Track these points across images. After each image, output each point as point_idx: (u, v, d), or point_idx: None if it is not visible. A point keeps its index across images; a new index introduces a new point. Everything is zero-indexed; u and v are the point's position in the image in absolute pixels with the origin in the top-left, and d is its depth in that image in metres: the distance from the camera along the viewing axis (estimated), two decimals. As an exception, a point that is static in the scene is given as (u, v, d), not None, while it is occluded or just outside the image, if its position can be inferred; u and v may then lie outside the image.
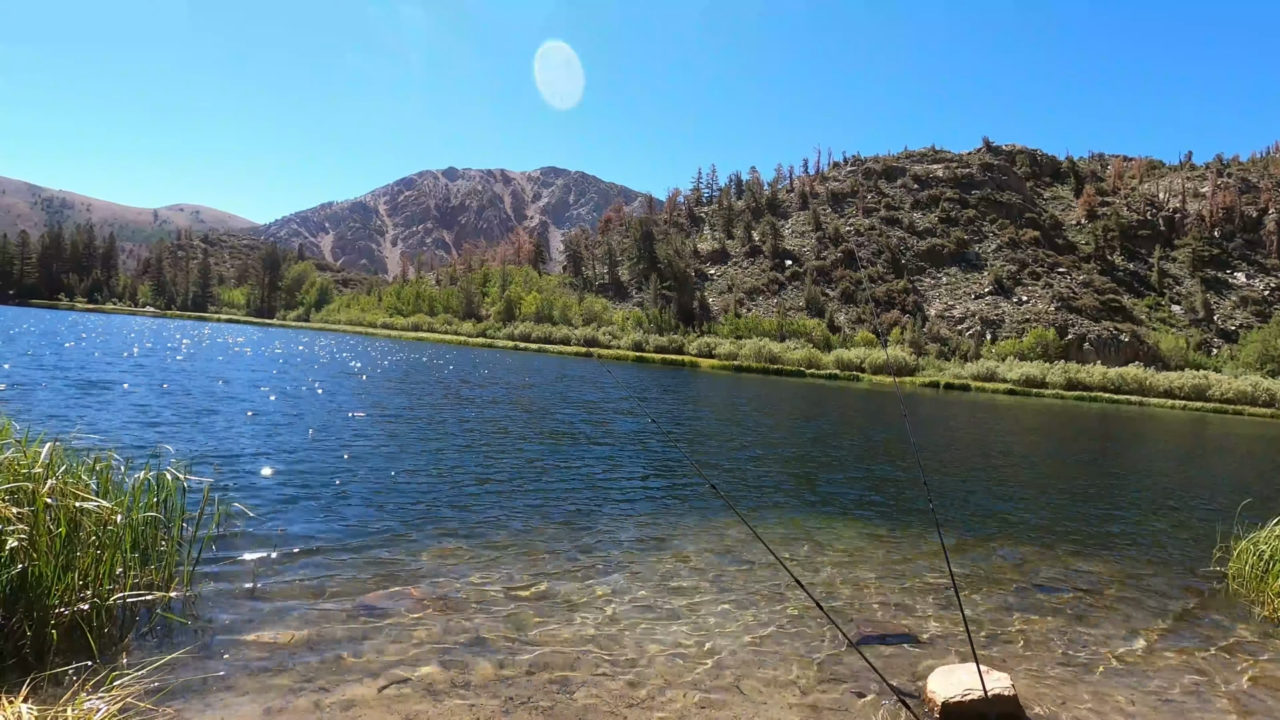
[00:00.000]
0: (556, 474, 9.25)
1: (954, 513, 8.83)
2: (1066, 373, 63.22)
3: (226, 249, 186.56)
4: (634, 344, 76.74)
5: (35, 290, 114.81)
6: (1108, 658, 4.62)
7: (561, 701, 3.56)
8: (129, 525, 4.15)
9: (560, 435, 13.09)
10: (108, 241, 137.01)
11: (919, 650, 4.50)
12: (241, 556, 5.12)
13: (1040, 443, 20.86)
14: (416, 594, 4.76)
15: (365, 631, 4.15)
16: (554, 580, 5.26)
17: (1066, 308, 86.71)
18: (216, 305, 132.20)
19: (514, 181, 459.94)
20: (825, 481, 10.53)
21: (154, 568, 4.35)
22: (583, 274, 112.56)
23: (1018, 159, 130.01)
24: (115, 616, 3.94)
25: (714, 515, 7.57)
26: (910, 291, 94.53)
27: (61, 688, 3.13)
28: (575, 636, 4.34)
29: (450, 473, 8.70)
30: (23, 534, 3.45)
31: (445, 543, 5.89)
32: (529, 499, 7.70)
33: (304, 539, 5.64)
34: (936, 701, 3.68)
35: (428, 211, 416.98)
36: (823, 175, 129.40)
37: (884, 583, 5.80)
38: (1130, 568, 6.88)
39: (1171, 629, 5.24)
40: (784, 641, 4.49)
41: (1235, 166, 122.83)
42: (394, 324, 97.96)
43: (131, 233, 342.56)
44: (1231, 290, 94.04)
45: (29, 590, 3.48)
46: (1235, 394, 57.15)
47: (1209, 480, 14.59)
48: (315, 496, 6.97)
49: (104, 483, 4.44)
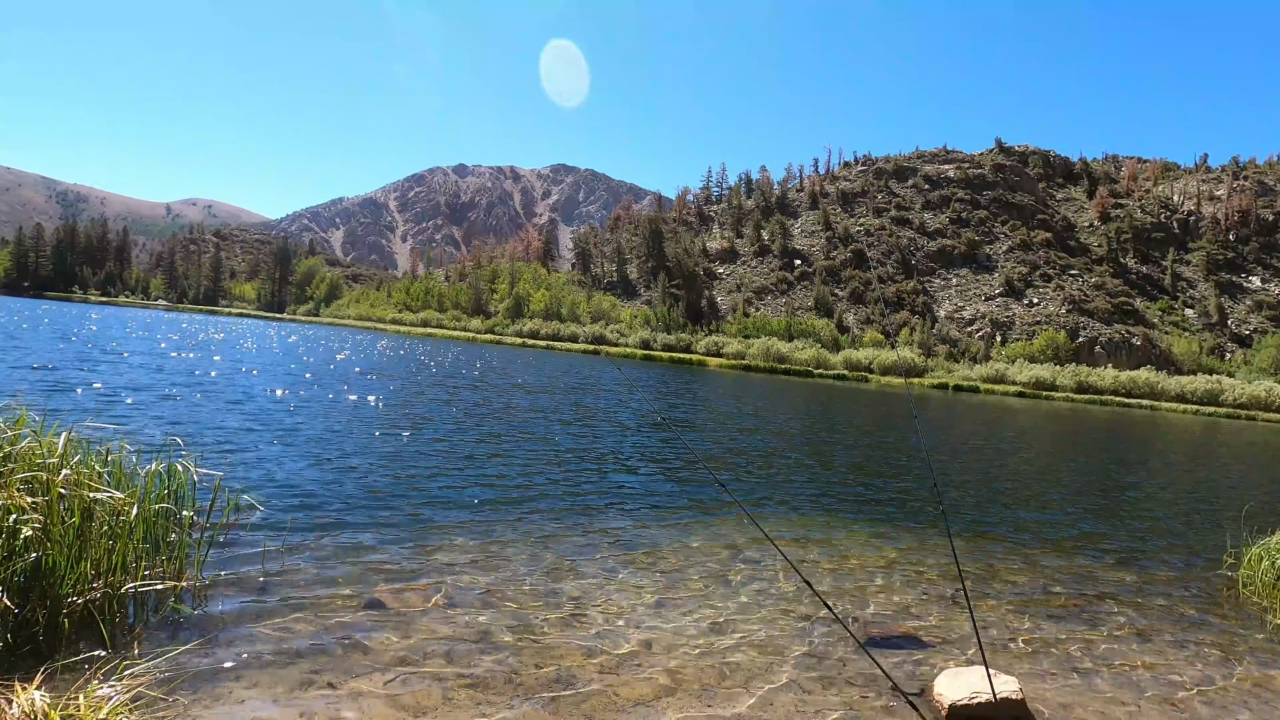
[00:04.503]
0: (565, 472, 9.27)
1: (963, 515, 8.79)
2: (1077, 376, 62.78)
3: (238, 243, 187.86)
4: (641, 342, 76.73)
5: (50, 282, 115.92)
6: (1116, 662, 4.59)
7: (567, 698, 3.57)
8: (141, 516, 4.18)
9: (569, 433, 13.11)
10: (121, 235, 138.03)
11: (927, 652, 4.48)
12: (252, 549, 5.15)
13: (1050, 446, 20.73)
14: (424, 589, 4.78)
15: (373, 625, 4.17)
16: (561, 577, 5.27)
17: (1078, 310, 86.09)
18: (228, 299, 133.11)
19: (524, 179, 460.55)
20: (834, 482, 10.50)
21: (165, 558, 4.39)
22: (591, 271, 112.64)
23: (1030, 160, 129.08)
24: (127, 606, 3.98)
25: (722, 514, 7.56)
26: (920, 292, 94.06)
27: (74, 676, 3.16)
28: (582, 633, 4.34)
29: (461, 470, 8.73)
30: (37, 523, 3.48)
31: (454, 538, 5.91)
32: (539, 496, 7.71)
33: (314, 533, 5.67)
34: (944, 704, 3.66)
35: (438, 208, 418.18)
36: (833, 174, 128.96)
37: (892, 584, 5.78)
38: (1140, 572, 6.82)
39: (1181, 634, 5.20)
40: (791, 642, 4.48)
41: (1252, 169, 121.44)
42: (403, 320, 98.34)
43: (145, 226, 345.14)
44: (1246, 294, 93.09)
45: (42, 579, 3.51)
46: (1248, 399, 56.58)
47: (1220, 486, 14.45)
48: (326, 490, 7.01)
49: (117, 474, 4.48)
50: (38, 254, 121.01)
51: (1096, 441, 23.69)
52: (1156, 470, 16.92)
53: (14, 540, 3.39)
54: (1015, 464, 15.03)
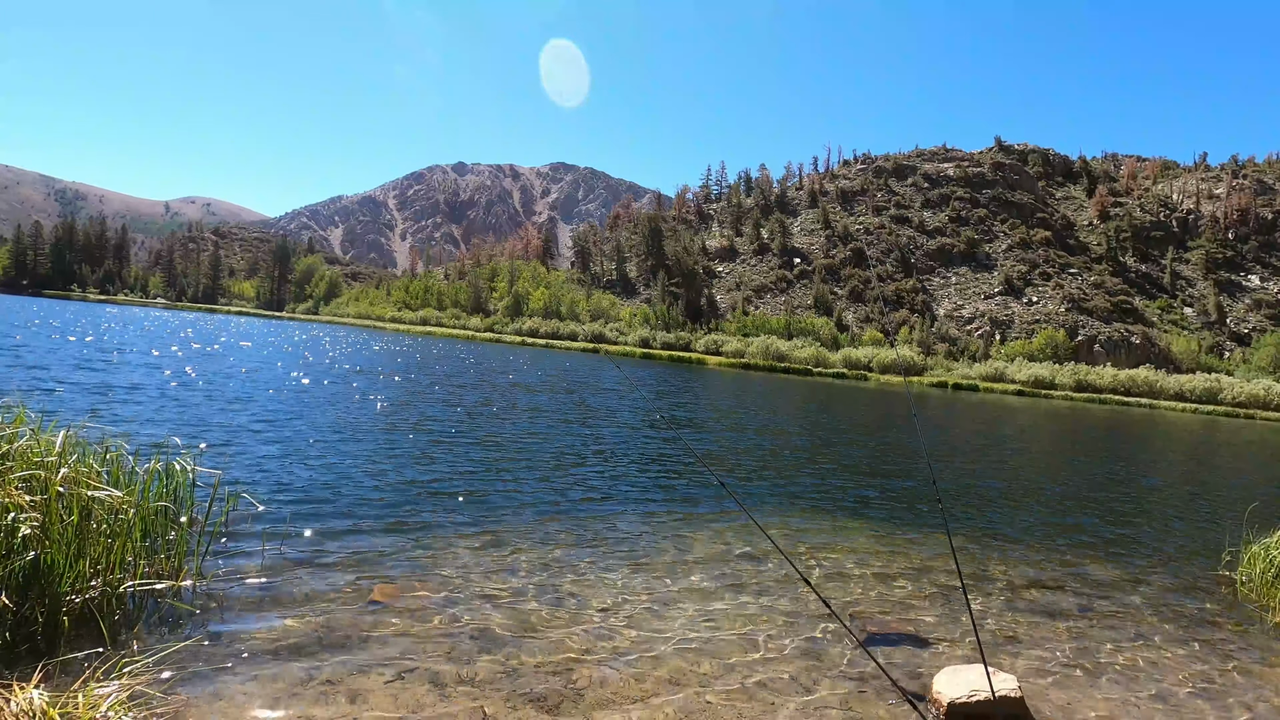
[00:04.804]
0: (564, 470, 9.26)
1: (963, 513, 8.79)
2: (1076, 374, 62.82)
3: (237, 242, 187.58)
4: (641, 340, 76.72)
5: (49, 280, 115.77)
6: (1115, 661, 4.60)
7: (566, 696, 3.57)
8: (140, 514, 4.18)
9: (568, 432, 13.11)
10: (120, 233, 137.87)
11: (926, 651, 4.49)
12: (250, 547, 5.15)
13: (1049, 445, 20.75)
14: (424, 588, 4.78)
15: (372, 623, 4.17)
16: (560, 575, 5.27)
17: (1077, 309, 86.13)
18: (227, 297, 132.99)
19: (523, 177, 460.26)
20: (834, 481, 10.50)
21: (164, 557, 4.38)
22: (591, 270, 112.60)
23: (1030, 158, 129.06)
24: (126, 605, 3.97)
25: (722, 512, 7.56)
26: (919, 291, 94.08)
27: (72, 674, 3.15)
28: (581, 631, 4.35)
29: (459, 468, 8.73)
30: (36, 522, 3.48)
31: (454, 537, 5.91)
32: (538, 494, 7.71)
33: (313, 531, 5.67)
34: (943, 702, 3.67)
35: (437, 206, 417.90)
36: (832, 173, 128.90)
37: (892, 583, 5.78)
38: (1139, 571, 6.83)
39: (1179, 633, 5.20)
40: (791, 640, 4.49)
41: (1251, 168, 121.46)
42: (402, 318, 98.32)
43: (144, 224, 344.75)
44: (1245, 293, 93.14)
45: (41, 577, 3.51)
46: (1247, 397, 56.63)
47: (1218, 484, 14.47)
48: (324, 489, 7.01)
49: (115, 472, 4.48)
50: (36, 252, 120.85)
51: (1095, 440, 23.70)
52: (1155, 469, 16.94)
53: (12, 538, 3.39)
54: (1014, 463, 15.05)
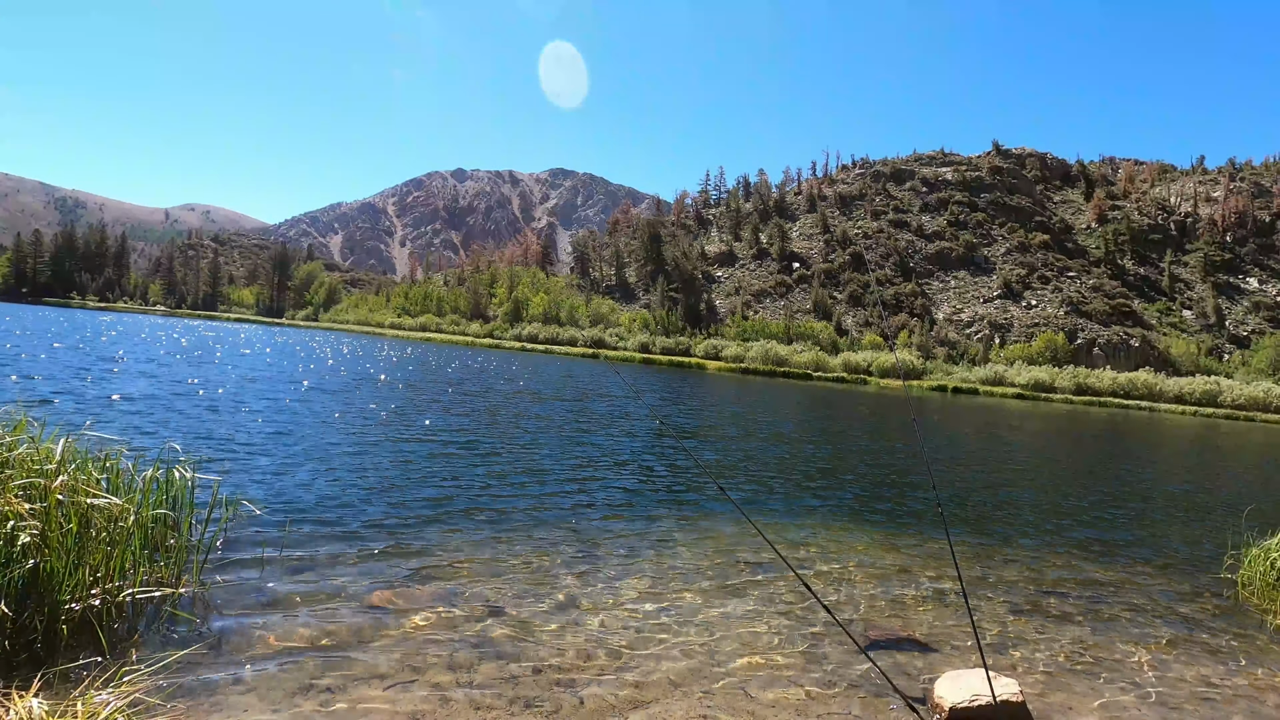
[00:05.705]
0: (564, 476, 9.26)
1: (963, 517, 8.79)
2: (1076, 377, 62.82)
3: (236, 249, 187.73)
4: (640, 345, 76.74)
5: (48, 288, 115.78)
6: (1116, 665, 4.59)
7: (567, 702, 3.56)
8: (139, 522, 4.17)
9: (568, 438, 13.10)
10: (120, 241, 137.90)
11: (927, 655, 4.48)
12: (250, 555, 5.14)
13: (1049, 448, 20.74)
14: (424, 594, 4.77)
15: (372, 631, 4.16)
16: (560, 581, 5.26)
17: (1076, 312, 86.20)
18: (226, 305, 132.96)
19: (522, 183, 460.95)
20: (833, 485, 10.49)
21: (163, 564, 4.38)
22: (590, 275, 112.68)
23: (1028, 162, 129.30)
24: (125, 613, 3.97)
25: (721, 518, 7.56)
26: (918, 295, 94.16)
27: (72, 683, 3.15)
28: (581, 638, 4.34)
29: (459, 475, 8.72)
30: (35, 530, 3.47)
31: (454, 544, 5.90)
32: (537, 501, 7.70)
33: (313, 538, 5.66)
34: (945, 707, 3.66)
35: (436, 212, 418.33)
36: (831, 178, 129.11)
37: (892, 587, 5.77)
38: (1140, 575, 6.82)
39: (1181, 636, 5.19)
40: (791, 645, 4.48)
41: (1248, 171, 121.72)
42: (402, 324, 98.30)
43: (143, 232, 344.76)
44: (1244, 295, 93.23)
45: (40, 586, 3.51)
46: (1247, 400, 56.63)
47: (1218, 487, 14.46)
48: (324, 497, 7.00)
49: (115, 480, 4.47)
50: (36, 260, 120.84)
51: (1095, 443, 23.69)
52: (1156, 472, 16.92)
53: (11, 547, 3.39)
54: (1014, 466, 15.04)
